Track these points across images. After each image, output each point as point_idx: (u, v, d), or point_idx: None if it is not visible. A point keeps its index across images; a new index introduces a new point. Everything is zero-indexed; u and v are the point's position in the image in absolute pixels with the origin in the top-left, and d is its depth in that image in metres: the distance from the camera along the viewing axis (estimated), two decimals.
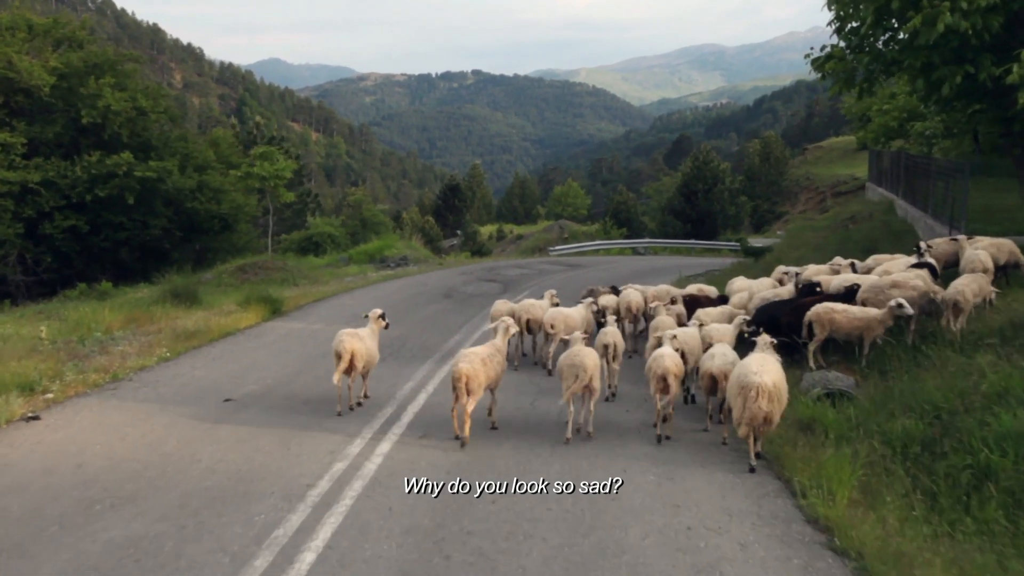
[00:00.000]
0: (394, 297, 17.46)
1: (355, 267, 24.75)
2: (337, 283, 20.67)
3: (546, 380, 10.14)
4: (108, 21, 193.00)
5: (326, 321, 13.96)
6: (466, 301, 17.11)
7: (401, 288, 19.24)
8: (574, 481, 6.26)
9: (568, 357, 7.55)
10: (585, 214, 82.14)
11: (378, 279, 21.64)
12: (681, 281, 24.51)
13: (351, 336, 8.51)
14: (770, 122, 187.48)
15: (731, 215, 53.89)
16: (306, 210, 41.56)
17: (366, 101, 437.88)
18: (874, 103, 24.13)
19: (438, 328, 13.63)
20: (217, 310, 14.39)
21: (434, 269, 24.97)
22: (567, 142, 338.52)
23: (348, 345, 8.34)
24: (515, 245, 58.14)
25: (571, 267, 27.21)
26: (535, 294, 19.04)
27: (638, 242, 41.31)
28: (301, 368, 10.59)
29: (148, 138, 23.70)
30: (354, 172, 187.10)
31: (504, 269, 25.23)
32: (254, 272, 20.51)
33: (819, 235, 23.51)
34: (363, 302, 16.48)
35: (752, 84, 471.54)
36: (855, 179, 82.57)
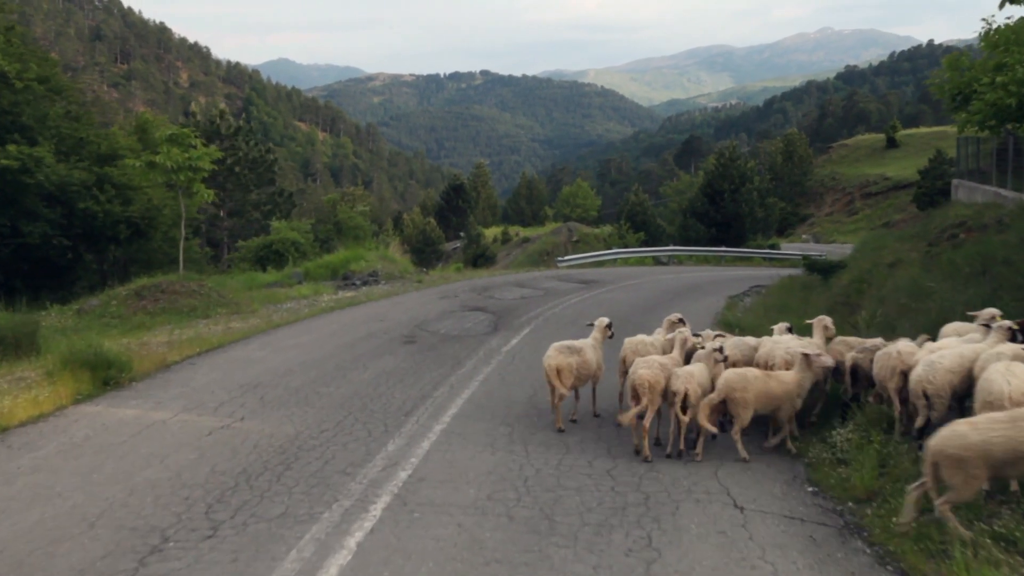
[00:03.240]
0: (329, 343, 11.91)
1: (308, 287, 19.26)
2: (267, 314, 15.15)
3: None
4: (115, 20, 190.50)
5: (189, 403, 8.42)
6: (436, 349, 11.57)
7: (349, 325, 13.67)
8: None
9: None
10: (595, 215, 76.99)
11: (328, 306, 16.08)
12: (731, 305, 18.89)
13: (561, 351, 7.74)
14: (780, 123, 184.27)
15: (760, 218, 48.11)
16: (277, 211, 36.07)
17: (374, 101, 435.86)
18: (981, 75, 18.39)
19: (376, 412, 8.10)
20: (13, 376, 8.91)
21: (409, 290, 19.42)
22: (575, 143, 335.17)
23: (553, 362, 7.61)
24: (521, 249, 52.93)
25: (585, 285, 21.64)
26: (538, 329, 13.50)
27: (661, 250, 35.68)
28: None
29: (18, 115, 18.00)
30: (361, 172, 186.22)
31: (499, 289, 19.66)
32: (154, 297, 15.01)
33: (910, 248, 17.85)
34: (276, 356, 10.94)
35: (761, 85, 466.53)
36: (886, 179, 77.07)
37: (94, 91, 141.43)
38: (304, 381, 9.33)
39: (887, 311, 12.95)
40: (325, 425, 7.59)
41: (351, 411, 8.11)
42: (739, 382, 6.72)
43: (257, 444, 6.94)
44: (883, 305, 13.54)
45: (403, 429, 7.49)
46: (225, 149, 36.95)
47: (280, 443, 7.01)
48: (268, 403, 8.37)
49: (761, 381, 6.78)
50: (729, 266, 35.89)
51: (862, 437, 6.49)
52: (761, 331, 13.15)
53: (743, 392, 6.67)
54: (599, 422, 7.94)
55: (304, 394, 8.75)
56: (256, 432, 7.29)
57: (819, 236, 71.68)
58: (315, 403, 8.40)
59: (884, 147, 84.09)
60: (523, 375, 9.93)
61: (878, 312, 13.51)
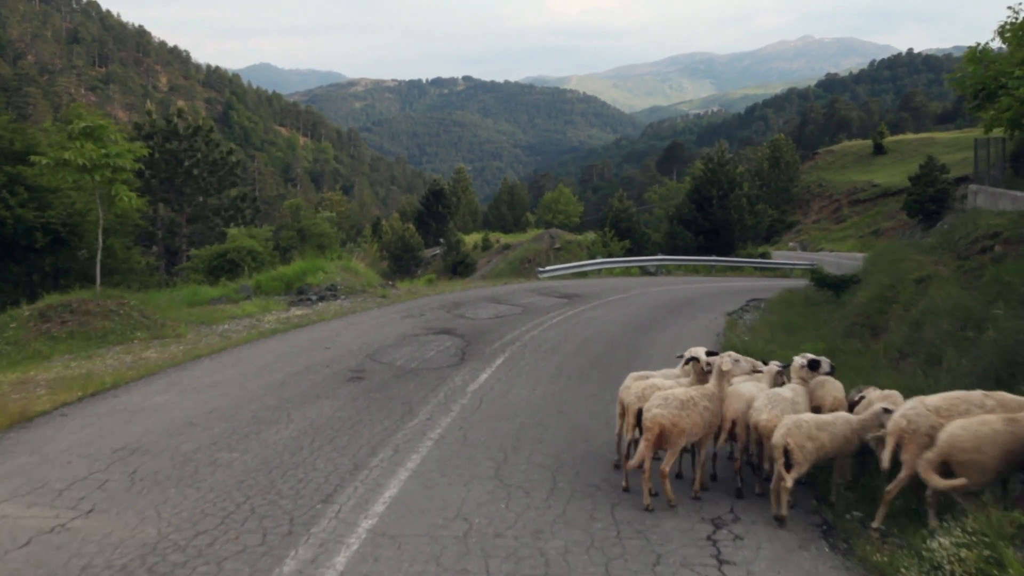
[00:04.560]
0: (254, 382, 9.64)
1: (256, 303, 16.93)
2: (196, 339, 12.83)
3: None
4: (93, 22, 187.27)
5: (27, 482, 6.05)
6: (386, 390, 9.36)
7: (286, 355, 11.39)
8: None
9: None
10: (578, 222, 75.23)
11: (270, 329, 13.79)
12: (731, 323, 16.83)
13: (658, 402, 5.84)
14: (762, 130, 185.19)
15: (750, 226, 46.23)
16: (239, 217, 33.57)
17: (356, 106, 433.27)
18: (1011, 69, 16.51)
19: (284, 496, 5.87)
20: None
21: (370, 307, 17.13)
22: (557, 149, 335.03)
23: (656, 417, 5.71)
24: (501, 256, 51.00)
25: (568, 300, 19.50)
26: (515, 358, 11.31)
27: (648, 260, 33.63)
28: None
29: None
30: (342, 177, 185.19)
31: (472, 306, 17.46)
32: (61, 319, 12.63)
33: (935, 262, 15.87)
34: (180, 402, 8.66)
35: (742, 92, 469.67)
36: (874, 186, 75.80)
37: (70, 94, 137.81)
38: (202, 442, 7.08)
39: (926, 338, 10.94)
40: (205, 523, 5.35)
41: (250, 495, 5.87)
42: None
43: (89, 565, 4.70)
44: (919, 330, 11.53)
45: (315, 528, 5.28)
46: (183, 150, 34.56)
47: (127, 559, 4.76)
48: (139, 482, 6.13)
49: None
50: (720, 276, 33.97)
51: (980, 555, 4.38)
52: (774, 356, 11.10)
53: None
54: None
55: (195, 465, 6.50)
56: (98, 537, 5.05)
57: (806, 244, 70.19)
58: (205, 481, 6.15)
59: (871, 153, 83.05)
60: (491, 430, 7.75)
61: (914, 338, 11.50)
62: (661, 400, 5.79)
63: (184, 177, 33.79)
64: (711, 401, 6.00)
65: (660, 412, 5.69)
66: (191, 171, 33.68)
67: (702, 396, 5.97)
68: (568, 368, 10.96)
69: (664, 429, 5.67)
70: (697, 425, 5.84)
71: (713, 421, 6.02)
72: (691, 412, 5.78)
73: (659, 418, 5.67)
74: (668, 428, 5.66)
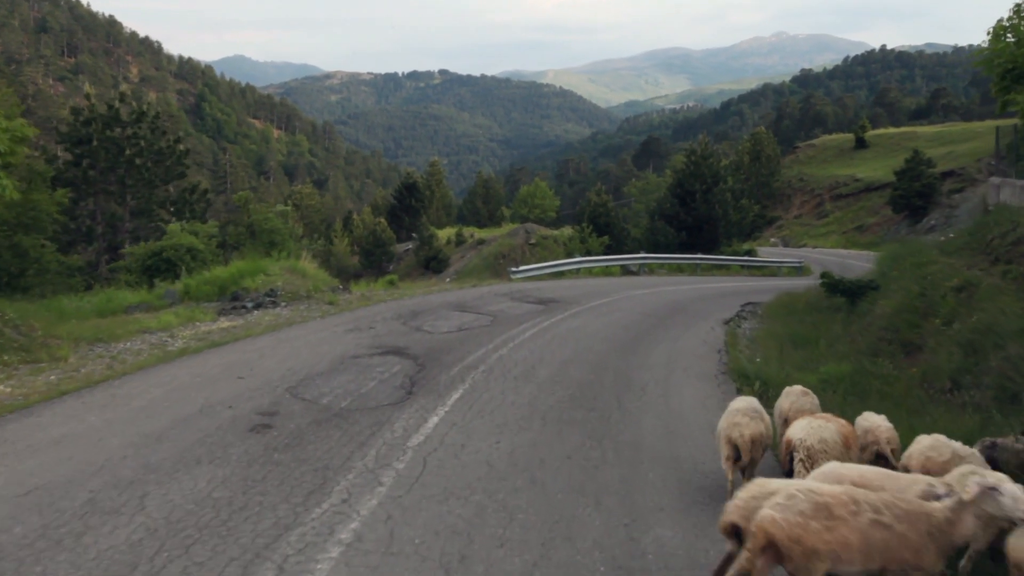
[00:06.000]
0: (120, 435, 7.12)
1: (178, 312, 14.35)
2: (79, 363, 10.25)
3: None
4: (61, 11, 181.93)
5: None
6: (297, 446, 6.91)
7: (181, 389, 8.87)
8: None
9: None
10: (554, 216, 73.13)
11: (180, 348, 11.24)
12: (731, 336, 14.55)
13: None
14: (738, 124, 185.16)
15: (735, 221, 44.21)
16: (188, 211, 30.75)
17: (331, 99, 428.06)
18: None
19: None
20: None
21: (312, 316, 14.61)
22: (534, 143, 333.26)
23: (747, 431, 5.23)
24: (476, 251, 48.82)
25: (544, 306, 17.13)
26: (476, 390, 8.89)
27: (631, 258, 31.39)
28: None
29: None
30: (316, 171, 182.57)
31: (432, 315, 15.01)
32: None
33: (965, 265, 13.73)
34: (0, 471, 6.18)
35: (718, 87, 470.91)
36: (856, 180, 74.27)
37: (36, 84, 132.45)
38: (61, 499, 4.61)
39: (992, 365, 8.74)
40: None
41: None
42: None
43: None
44: (975, 354, 9.35)
45: None
46: (127, 138, 31.67)
47: None
48: None
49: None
50: (706, 275, 31.85)
51: None
52: (792, 380, 8.93)
53: None
54: None
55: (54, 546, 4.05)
56: None
57: (788, 240, 68.52)
58: None
59: (853, 147, 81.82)
60: (432, 521, 5.34)
61: (970, 365, 9.29)
62: (789, 494, 3.33)
63: (126, 167, 30.91)
64: (919, 524, 3.52)
65: (775, 516, 3.28)
66: (133, 160, 30.79)
67: (893, 505, 3.55)
68: (543, 405, 8.60)
69: (776, 542, 3.26)
70: (851, 548, 3.35)
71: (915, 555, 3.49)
72: (840, 524, 3.37)
73: (769, 524, 3.26)
74: (785, 543, 3.28)
